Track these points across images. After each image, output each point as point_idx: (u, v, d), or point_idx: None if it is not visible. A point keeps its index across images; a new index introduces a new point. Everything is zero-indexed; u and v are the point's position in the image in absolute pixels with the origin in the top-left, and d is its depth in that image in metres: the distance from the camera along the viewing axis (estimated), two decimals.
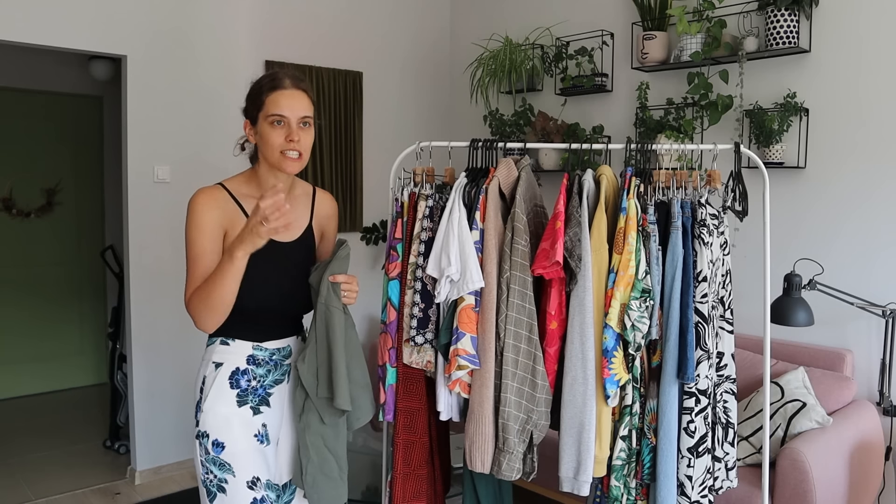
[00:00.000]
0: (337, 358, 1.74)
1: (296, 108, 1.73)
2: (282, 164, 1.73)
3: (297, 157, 1.73)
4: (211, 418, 1.75)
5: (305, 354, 1.78)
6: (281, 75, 1.76)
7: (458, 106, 4.79)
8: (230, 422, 1.76)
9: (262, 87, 1.75)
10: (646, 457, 2.15)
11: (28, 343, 5.14)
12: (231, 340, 1.79)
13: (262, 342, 1.80)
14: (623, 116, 3.86)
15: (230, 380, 1.77)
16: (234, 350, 1.79)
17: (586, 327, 2.10)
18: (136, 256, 3.60)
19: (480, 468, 2.17)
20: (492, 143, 2.41)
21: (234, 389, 1.77)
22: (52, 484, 3.64)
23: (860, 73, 3.03)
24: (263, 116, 1.73)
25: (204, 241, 1.70)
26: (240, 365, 1.78)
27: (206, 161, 3.74)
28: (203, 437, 1.76)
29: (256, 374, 1.80)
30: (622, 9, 3.85)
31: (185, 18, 3.67)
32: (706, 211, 2.15)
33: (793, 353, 3.08)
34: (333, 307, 1.76)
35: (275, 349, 1.83)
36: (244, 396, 1.78)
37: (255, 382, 1.80)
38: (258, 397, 1.80)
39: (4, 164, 4.95)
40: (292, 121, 1.72)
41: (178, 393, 3.73)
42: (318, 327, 1.76)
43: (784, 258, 3.17)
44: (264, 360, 1.81)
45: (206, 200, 1.73)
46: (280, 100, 1.72)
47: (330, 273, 1.76)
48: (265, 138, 1.73)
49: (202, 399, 1.78)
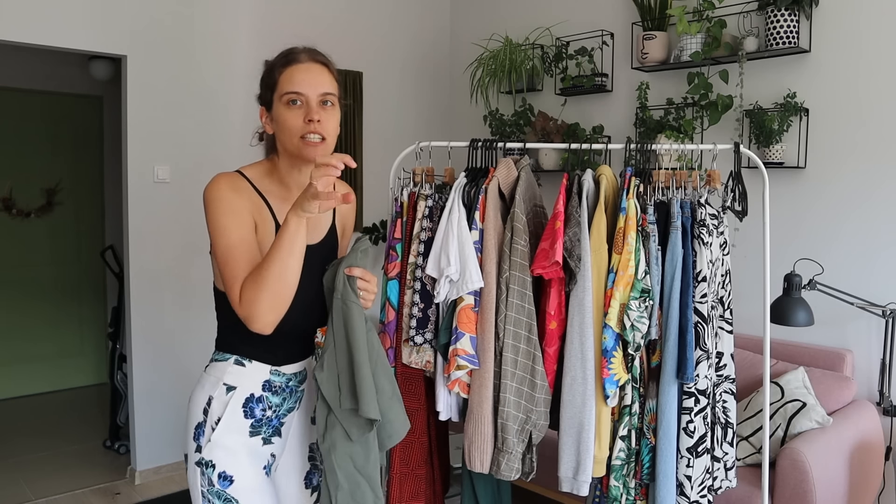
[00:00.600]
0: (359, 360, 1.50)
1: (315, 84, 1.48)
2: (302, 151, 1.48)
3: (319, 142, 1.47)
4: (220, 449, 1.53)
5: (324, 361, 1.54)
6: (296, 50, 1.53)
7: (458, 106, 4.79)
8: (241, 455, 1.55)
9: (275, 65, 1.52)
10: (645, 457, 2.15)
11: (28, 343, 5.14)
12: (247, 361, 1.56)
13: (280, 366, 1.59)
14: (623, 116, 3.86)
15: (244, 408, 1.55)
16: (250, 373, 1.56)
17: (586, 327, 2.10)
18: (136, 256, 3.60)
19: (479, 468, 2.17)
20: (491, 143, 2.40)
21: (248, 419, 1.55)
22: (52, 484, 3.64)
23: (860, 73, 3.03)
24: (278, 97, 1.49)
25: (239, 228, 1.44)
26: (255, 391, 1.56)
27: (206, 161, 3.74)
28: (207, 467, 1.53)
29: (272, 402, 1.58)
30: (622, 9, 3.85)
31: (185, 18, 3.67)
32: (706, 211, 2.15)
33: (793, 353, 3.08)
34: (352, 302, 1.52)
35: (292, 374, 1.62)
36: (258, 427, 1.57)
37: (270, 412, 1.59)
38: (271, 428, 1.60)
39: (4, 164, 4.95)
40: (311, 99, 1.47)
41: (178, 393, 3.73)
42: (336, 326, 1.53)
43: (784, 258, 3.17)
44: (281, 386, 1.60)
45: (231, 185, 1.47)
46: (295, 75, 1.48)
47: (346, 266, 1.54)
48: (281, 122, 1.48)
49: (206, 423, 1.54)
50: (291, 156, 1.52)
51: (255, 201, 1.50)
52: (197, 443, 1.55)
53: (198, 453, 1.54)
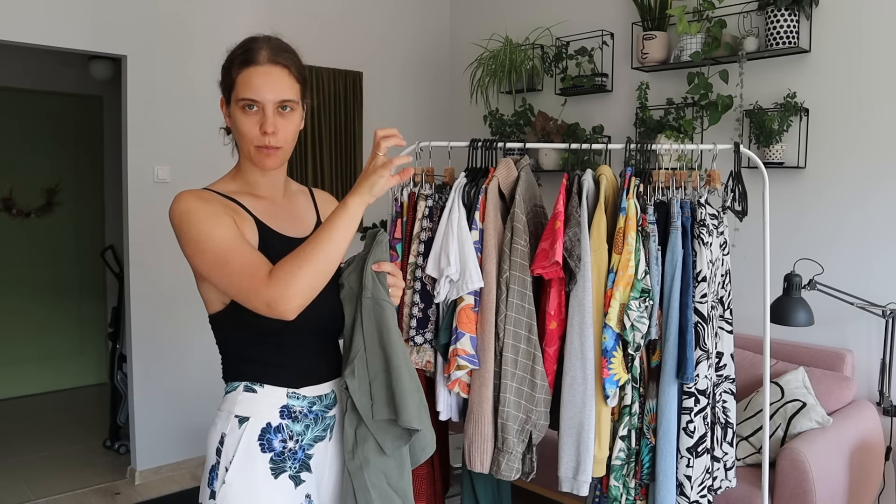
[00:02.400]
0: (397, 364, 1.35)
1: (273, 90, 1.35)
2: (256, 159, 1.39)
3: (273, 151, 1.38)
4: (236, 493, 1.32)
5: (354, 366, 1.38)
6: (256, 46, 1.38)
7: (458, 106, 4.79)
8: (263, 498, 1.34)
9: (234, 61, 1.39)
10: (645, 457, 2.15)
11: (28, 343, 5.14)
12: (258, 386, 1.38)
13: (298, 388, 1.40)
14: (623, 116, 3.86)
15: (260, 440, 1.35)
16: (263, 399, 1.37)
17: (586, 327, 2.10)
18: (136, 256, 3.60)
19: (479, 468, 2.17)
20: (491, 143, 2.41)
21: (267, 454, 1.35)
22: (52, 484, 3.64)
23: (860, 73, 3.03)
24: (235, 99, 1.38)
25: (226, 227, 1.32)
26: (271, 420, 1.37)
27: (206, 161, 3.74)
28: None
29: (293, 431, 1.38)
30: (622, 9, 3.85)
31: (185, 18, 3.67)
32: (706, 211, 2.15)
33: (793, 353, 3.08)
34: (384, 300, 1.38)
35: (314, 398, 1.42)
36: (280, 462, 1.36)
37: (293, 443, 1.38)
38: (298, 462, 1.39)
39: (4, 164, 4.95)
40: (267, 107, 1.35)
41: (178, 393, 3.73)
42: (366, 328, 1.38)
43: (784, 258, 3.17)
44: (302, 412, 1.40)
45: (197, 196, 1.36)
46: (252, 79, 1.35)
47: (373, 261, 1.40)
48: (237, 126, 1.38)
49: (219, 465, 1.35)
50: (245, 158, 1.43)
51: (226, 204, 1.39)
52: (211, 489, 1.35)
53: (211, 500, 1.34)
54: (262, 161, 1.39)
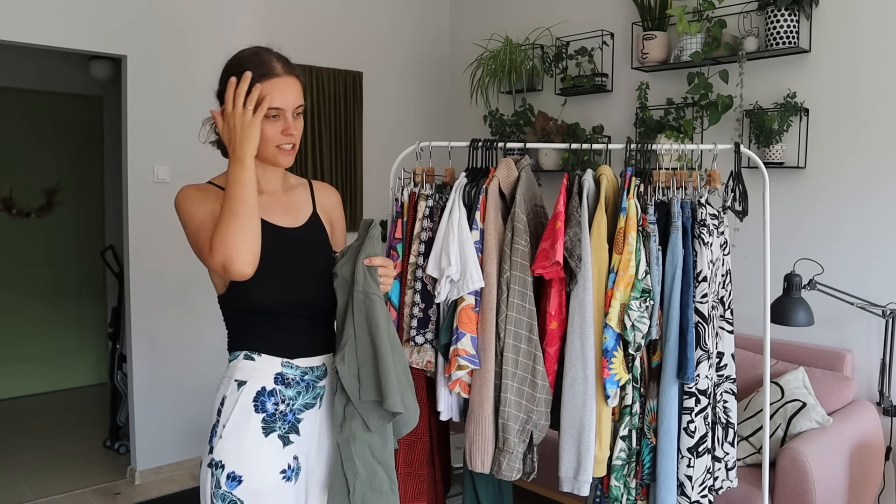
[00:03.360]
0: (384, 354, 1.51)
1: (293, 98, 1.54)
2: (277, 159, 1.56)
3: (291, 150, 1.57)
4: (230, 447, 1.50)
5: (345, 353, 1.54)
6: (271, 61, 1.54)
7: (458, 106, 4.79)
8: (254, 453, 1.51)
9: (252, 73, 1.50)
10: (646, 457, 2.15)
11: (28, 343, 5.14)
12: (257, 355, 1.56)
13: (292, 358, 1.57)
14: (623, 116, 3.86)
15: (255, 402, 1.53)
16: (261, 366, 1.55)
17: (586, 327, 2.10)
18: (136, 256, 3.60)
19: (480, 468, 2.17)
20: (492, 143, 2.41)
21: (260, 414, 1.53)
22: (52, 484, 3.64)
23: (860, 73, 3.03)
24: None
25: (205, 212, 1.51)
26: (266, 384, 1.54)
27: (206, 161, 3.71)
28: (216, 468, 1.50)
29: (285, 395, 1.56)
30: (622, 9, 3.85)
31: (185, 18, 3.67)
32: (706, 211, 2.16)
33: (793, 353, 3.08)
34: (374, 294, 1.52)
35: (307, 368, 1.59)
36: (271, 423, 1.54)
37: (284, 406, 1.56)
38: (287, 424, 1.56)
39: (4, 164, 4.95)
40: (288, 112, 1.54)
41: (178, 393, 3.73)
42: (357, 319, 1.53)
43: (784, 258, 3.17)
44: (294, 379, 1.57)
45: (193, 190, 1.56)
46: (275, 90, 1.51)
47: (365, 256, 1.54)
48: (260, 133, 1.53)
49: (219, 423, 1.54)
50: (264, 161, 1.58)
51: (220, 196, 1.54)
52: (210, 445, 1.53)
53: (210, 455, 1.53)
54: (283, 159, 1.57)
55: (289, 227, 1.61)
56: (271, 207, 1.61)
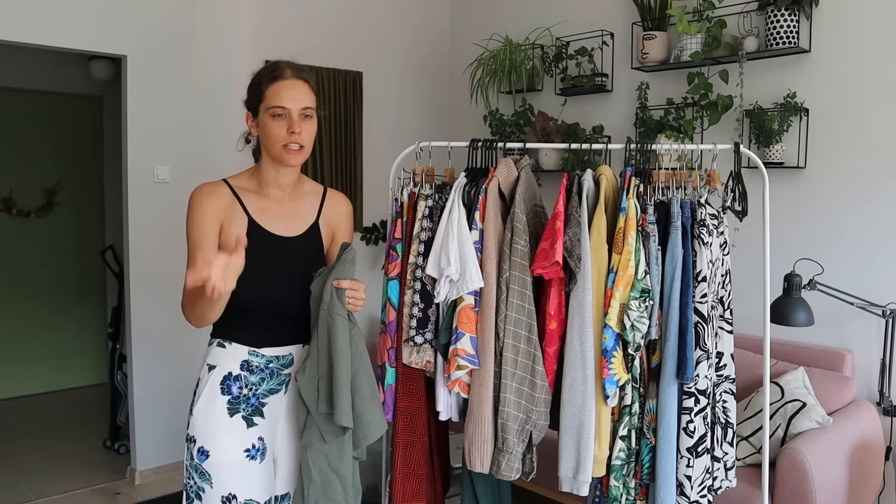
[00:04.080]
0: (339, 370, 1.62)
1: (297, 100, 1.69)
2: (283, 157, 1.69)
3: (298, 150, 1.68)
4: (199, 423, 1.68)
5: (306, 365, 1.66)
6: (282, 65, 1.73)
7: (458, 106, 4.79)
8: (219, 431, 1.68)
9: (263, 78, 1.72)
10: (645, 457, 2.15)
11: (28, 343, 5.14)
12: (228, 343, 1.72)
13: (259, 347, 1.72)
14: (623, 116, 3.86)
15: (221, 385, 1.70)
16: (230, 353, 1.71)
17: (586, 327, 2.10)
18: (136, 256, 3.60)
19: (480, 468, 2.17)
20: (491, 143, 2.41)
21: (226, 396, 1.70)
22: (52, 484, 3.64)
23: (860, 73, 3.03)
24: (264, 108, 1.69)
25: (200, 234, 1.67)
26: (233, 370, 1.71)
27: (206, 161, 3.74)
28: (190, 442, 1.69)
29: (249, 381, 1.71)
30: (622, 9, 3.85)
31: (185, 18, 3.67)
32: (706, 211, 2.15)
33: (793, 353, 3.08)
34: (337, 314, 1.63)
35: (272, 356, 1.73)
36: (235, 404, 1.70)
37: (247, 390, 1.71)
38: (251, 407, 1.71)
39: (4, 164, 4.95)
40: (293, 112, 1.68)
41: (178, 393, 3.73)
42: (320, 336, 1.65)
43: (784, 258, 3.17)
44: (259, 367, 1.72)
45: (204, 192, 1.71)
46: (281, 91, 1.68)
47: (334, 278, 1.65)
48: (266, 131, 1.69)
49: (193, 402, 1.72)
50: (272, 158, 1.72)
51: (226, 201, 1.72)
52: (188, 421, 1.72)
53: (187, 430, 1.72)
54: (288, 159, 1.69)
55: (284, 235, 1.75)
56: (272, 213, 1.75)
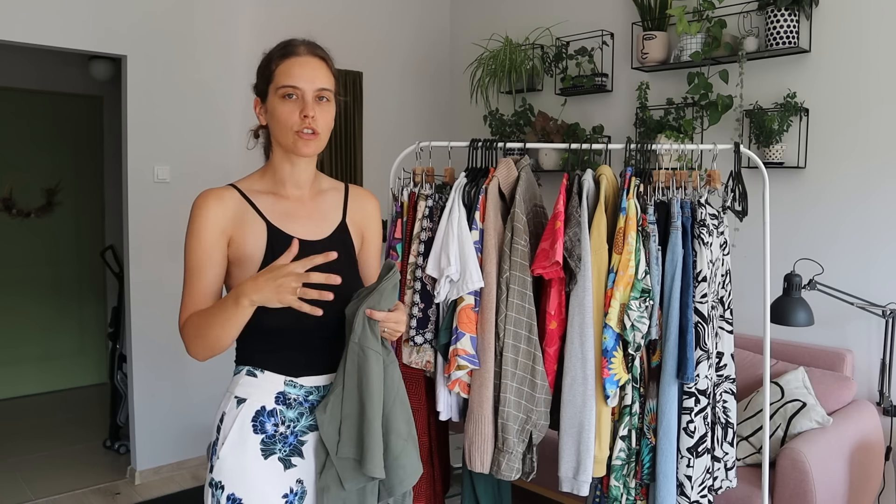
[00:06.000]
0: (371, 413, 1.38)
1: (311, 79, 1.42)
2: (296, 146, 1.43)
3: (312, 135, 1.42)
4: (229, 468, 1.42)
5: (329, 401, 1.41)
6: (295, 42, 1.47)
7: (458, 106, 4.79)
8: (252, 476, 1.42)
9: (273, 56, 1.47)
10: (645, 457, 2.15)
11: (28, 343, 5.14)
12: (259, 371, 1.45)
13: (296, 377, 1.45)
14: (623, 116, 3.86)
15: (254, 422, 1.43)
16: (262, 384, 1.45)
17: (586, 327, 2.10)
18: (136, 256, 3.60)
19: (480, 468, 2.17)
20: (492, 143, 2.41)
21: (259, 434, 1.43)
22: (52, 484, 3.64)
23: (860, 73, 3.03)
24: (274, 89, 1.44)
25: (202, 252, 1.42)
26: (266, 404, 1.44)
27: (206, 161, 3.74)
28: (216, 488, 1.42)
29: (286, 416, 1.45)
30: (622, 9, 3.85)
31: (185, 18, 3.67)
32: (706, 211, 2.15)
33: (793, 353, 3.08)
34: (369, 349, 1.39)
35: (312, 388, 1.47)
36: (270, 445, 1.44)
37: (284, 427, 1.44)
38: (289, 446, 1.45)
39: (4, 164, 4.95)
40: (307, 93, 1.42)
41: (178, 393, 3.73)
42: (349, 371, 1.41)
43: (784, 258, 3.17)
44: (297, 400, 1.45)
45: (208, 201, 1.43)
46: (292, 69, 1.42)
47: (368, 306, 1.39)
48: (276, 115, 1.43)
49: (218, 441, 1.45)
50: (284, 149, 1.47)
51: (237, 210, 1.45)
52: (210, 463, 1.46)
53: (210, 474, 1.45)
54: (301, 147, 1.44)
55: (310, 239, 1.47)
56: (293, 215, 1.49)
